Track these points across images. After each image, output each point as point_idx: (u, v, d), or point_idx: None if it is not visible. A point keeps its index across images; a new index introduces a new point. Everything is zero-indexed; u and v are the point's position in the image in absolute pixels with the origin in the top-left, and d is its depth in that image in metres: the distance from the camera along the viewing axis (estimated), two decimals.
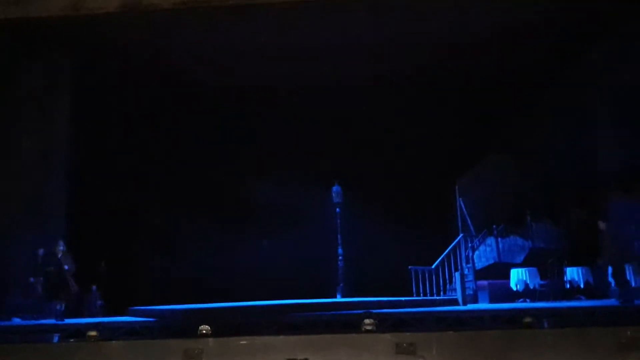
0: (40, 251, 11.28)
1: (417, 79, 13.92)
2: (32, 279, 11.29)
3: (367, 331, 7.31)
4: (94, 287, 12.64)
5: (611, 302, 10.66)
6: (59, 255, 10.84)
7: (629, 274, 11.04)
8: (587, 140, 13.66)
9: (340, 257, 13.77)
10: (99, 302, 12.63)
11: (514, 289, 12.61)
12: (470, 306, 11.84)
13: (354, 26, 12.24)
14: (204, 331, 7.34)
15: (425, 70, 13.69)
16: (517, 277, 12.63)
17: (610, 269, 11.06)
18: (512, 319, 8.54)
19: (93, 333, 7.62)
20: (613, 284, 11.00)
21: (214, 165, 14.84)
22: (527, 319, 7.51)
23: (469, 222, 13.90)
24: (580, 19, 12.05)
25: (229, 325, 7.85)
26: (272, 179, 14.74)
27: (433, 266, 13.39)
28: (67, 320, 10.23)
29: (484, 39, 12.72)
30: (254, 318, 9.45)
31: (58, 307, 10.54)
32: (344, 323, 8.60)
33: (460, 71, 13.76)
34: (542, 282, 12.38)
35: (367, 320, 7.36)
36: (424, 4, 11.60)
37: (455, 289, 12.76)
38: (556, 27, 12.41)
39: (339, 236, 13.90)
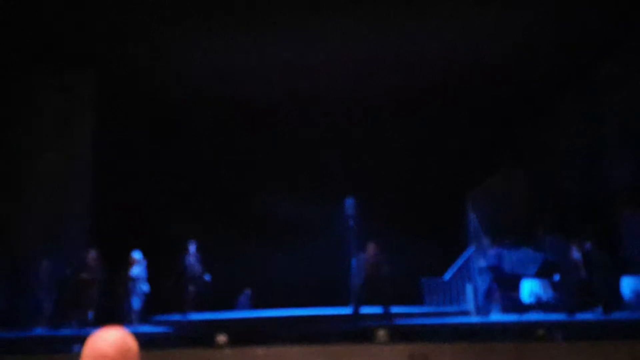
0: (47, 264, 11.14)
1: (430, 95, 13.99)
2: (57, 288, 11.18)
3: (381, 342, 7.35)
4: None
5: (625, 314, 10.63)
6: (91, 264, 10.88)
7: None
8: (599, 154, 13.66)
9: (353, 269, 13.68)
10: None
11: (526, 300, 12.58)
12: (482, 318, 11.85)
13: (371, 43, 12.33)
14: (221, 341, 7.41)
15: (438, 86, 13.75)
16: (529, 289, 12.59)
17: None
18: (524, 331, 8.52)
19: None
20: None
21: (230, 178, 14.94)
22: (540, 332, 7.50)
23: (481, 234, 13.88)
24: (590, 35, 12.10)
25: (246, 335, 7.91)
26: (287, 192, 14.76)
27: (445, 278, 13.40)
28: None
29: (496, 55, 12.82)
30: (270, 329, 9.50)
31: (85, 315, 10.63)
32: (357, 334, 8.66)
33: (472, 87, 13.83)
34: (554, 294, 12.31)
35: (380, 332, 7.42)
36: (436, 21, 11.68)
37: (467, 301, 12.78)
38: (567, 43, 12.45)
39: (352, 248, 13.81)
